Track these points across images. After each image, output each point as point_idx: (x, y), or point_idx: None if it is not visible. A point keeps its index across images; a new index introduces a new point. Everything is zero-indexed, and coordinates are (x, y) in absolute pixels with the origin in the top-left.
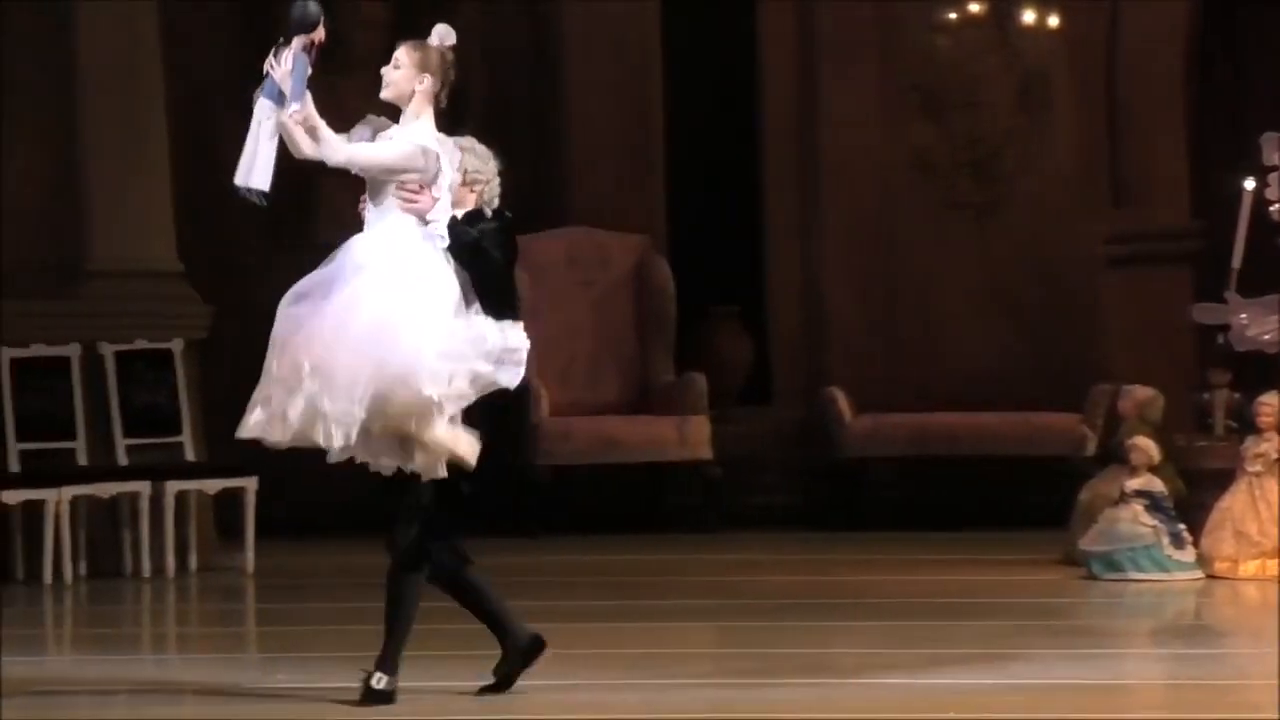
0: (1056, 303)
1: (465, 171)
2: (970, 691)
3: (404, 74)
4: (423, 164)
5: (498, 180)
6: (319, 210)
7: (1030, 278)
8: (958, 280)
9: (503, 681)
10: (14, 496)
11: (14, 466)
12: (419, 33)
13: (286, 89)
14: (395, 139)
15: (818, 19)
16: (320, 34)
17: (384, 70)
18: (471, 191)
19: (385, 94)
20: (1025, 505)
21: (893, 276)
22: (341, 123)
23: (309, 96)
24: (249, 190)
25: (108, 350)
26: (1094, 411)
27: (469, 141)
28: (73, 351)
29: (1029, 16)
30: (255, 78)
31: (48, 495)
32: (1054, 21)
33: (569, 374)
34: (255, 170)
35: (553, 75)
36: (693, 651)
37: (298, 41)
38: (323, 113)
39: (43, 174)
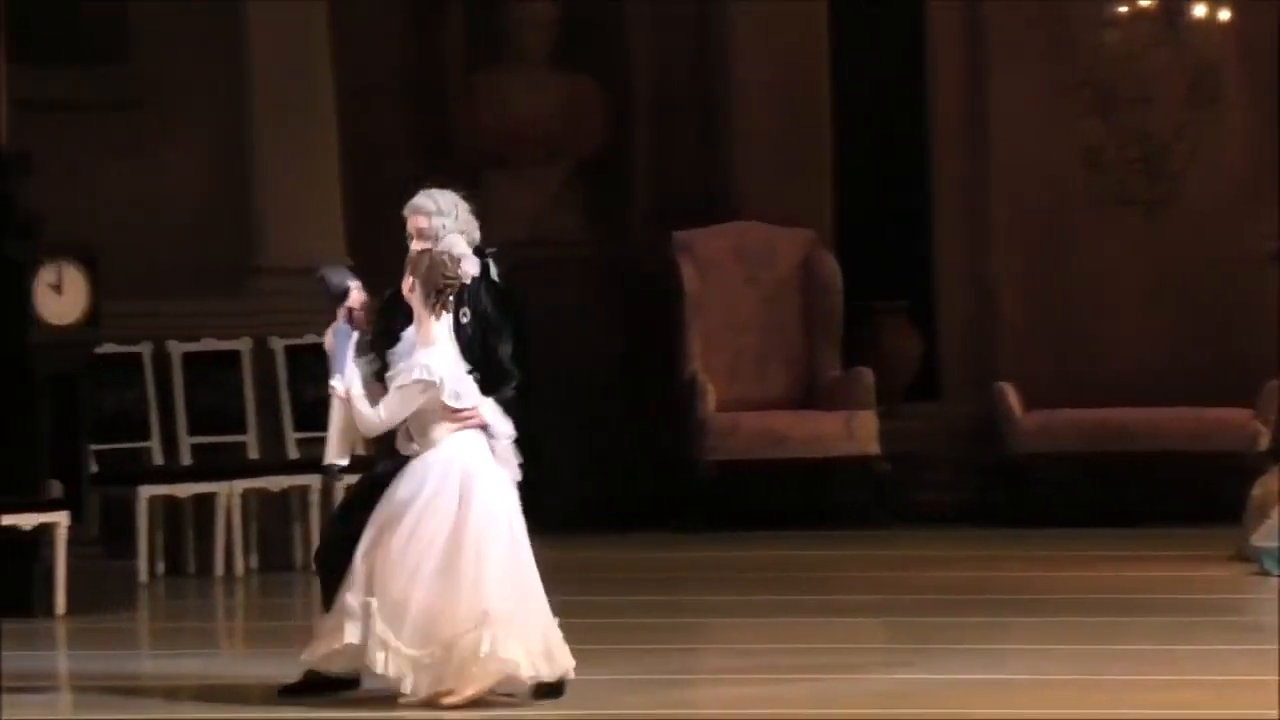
0: (1226, 298)
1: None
2: (1141, 688)
3: (406, 282)
4: (428, 392)
5: (454, 218)
6: (482, 208)
7: (1200, 273)
8: (1127, 276)
9: None
10: (185, 490)
11: (185, 460)
12: (586, 30)
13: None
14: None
15: (986, 14)
16: (356, 299)
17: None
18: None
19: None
20: (1197, 501)
21: (1062, 272)
22: (501, 115)
23: (354, 371)
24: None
25: (278, 344)
26: (1266, 406)
27: (420, 202)
28: (243, 346)
29: (1199, 10)
30: (424, 77)
31: (219, 489)
32: (1224, 15)
33: (735, 369)
34: (331, 448)
35: (719, 69)
36: (861, 646)
37: (340, 313)
38: (490, 113)
39: (214, 172)
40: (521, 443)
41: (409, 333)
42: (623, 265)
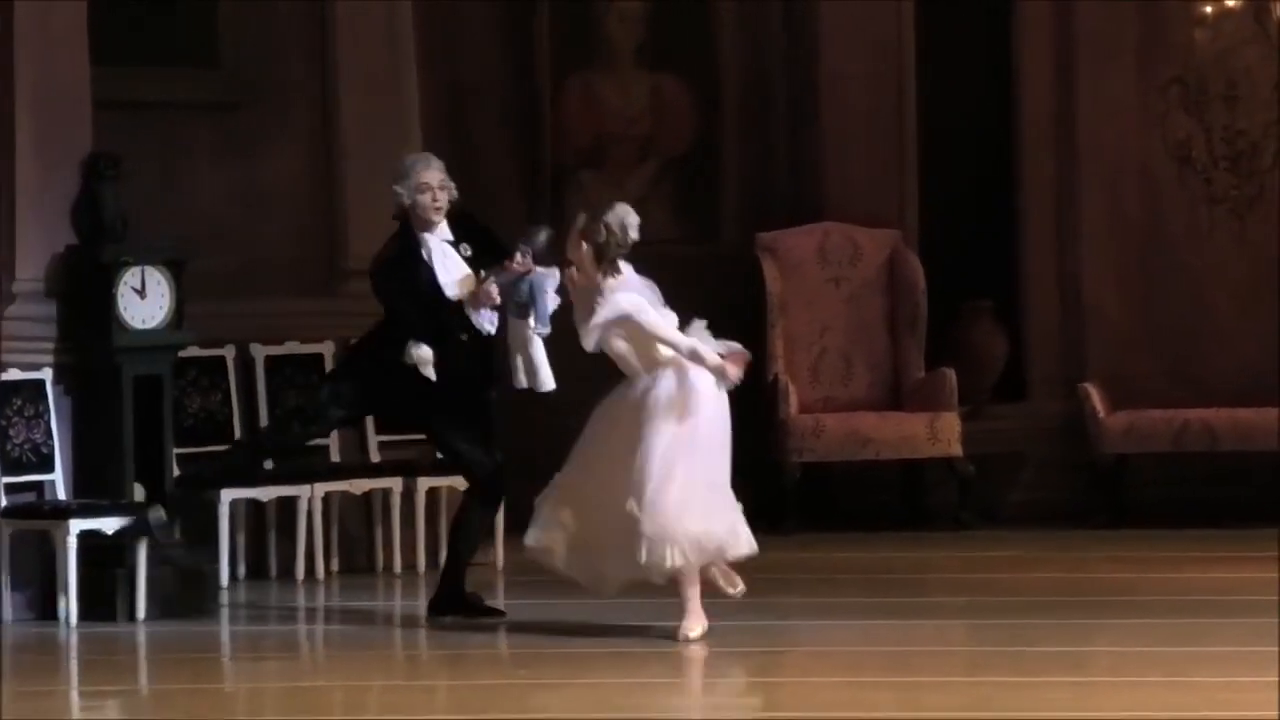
0: None
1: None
2: (1231, 689)
3: (572, 239)
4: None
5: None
6: (575, 208)
7: None
8: (1218, 274)
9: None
10: (268, 493)
11: (268, 463)
12: (674, 29)
13: (533, 313)
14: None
15: (1076, 12)
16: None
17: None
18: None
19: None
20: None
21: (1151, 270)
22: (592, 114)
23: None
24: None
25: None
26: None
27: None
28: (327, 349)
29: None
30: (516, 78)
31: (301, 491)
32: None
33: (819, 370)
34: (541, 375)
35: (807, 68)
36: (948, 649)
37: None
38: (580, 113)
39: (304, 174)
40: None
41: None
42: (711, 265)
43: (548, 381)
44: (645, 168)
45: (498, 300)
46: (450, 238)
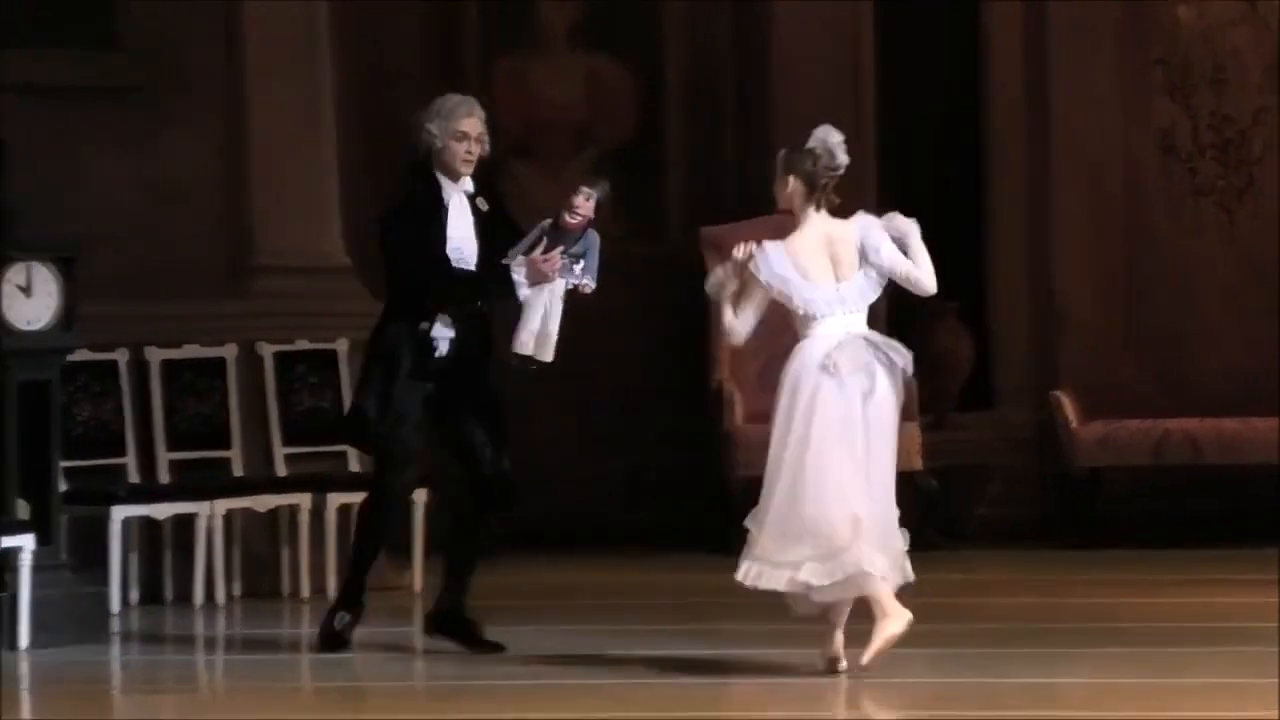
0: None
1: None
2: None
3: (778, 183)
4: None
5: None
6: (507, 199)
7: None
8: (1204, 271)
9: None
10: (163, 510)
11: (164, 478)
12: (613, 9)
13: (578, 268)
14: None
15: None
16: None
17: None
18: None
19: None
20: (1273, 519)
21: (1131, 268)
22: (524, 100)
23: None
24: (530, 360)
25: (266, 351)
26: None
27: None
28: (229, 353)
29: None
30: (438, 62)
31: (200, 509)
32: None
33: (767, 377)
34: (550, 345)
35: (757, 52)
36: (908, 680)
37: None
38: (510, 99)
39: (208, 165)
40: None
41: None
42: (653, 262)
43: (551, 353)
44: (582, 158)
45: (558, 267)
46: (470, 190)
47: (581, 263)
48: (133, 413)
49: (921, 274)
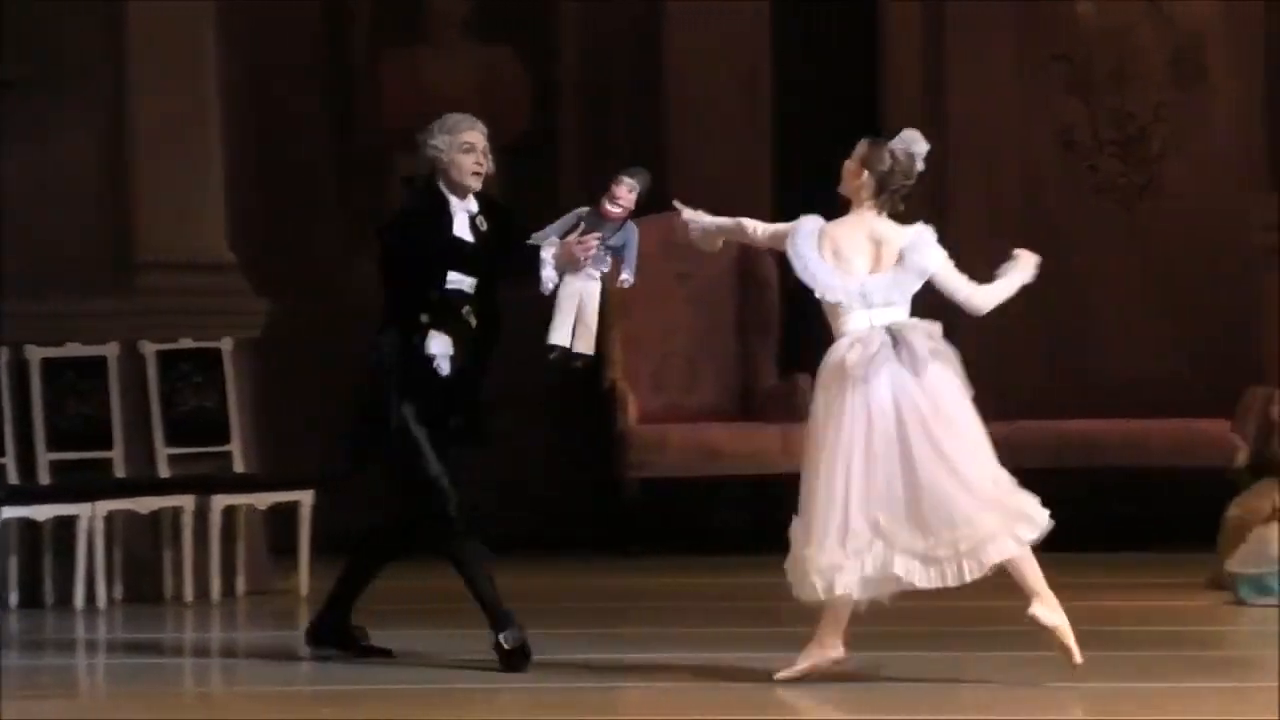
0: (1212, 296)
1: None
2: None
3: (849, 166)
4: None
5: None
6: (395, 195)
7: (1183, 269)
8: (1104, 271)
9: None
10: (44, 512)
11: (44, 479)
12: (502, 3)
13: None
14: None
15: None
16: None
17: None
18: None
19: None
20: (1169, 522)
21: None
22: (414, 94)
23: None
24: (574, 354)
25: (149, 350)
26: (1245, 417)
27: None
28: (110, 351)
29: None
30: (328, 54)
31: (81, 510)
32: None
33: (662, 376)
34: (591, 338)
35: (654, 44)
36: (803, 684)
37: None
38: (400, 91)
39: (90, 160)
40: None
41: None
42: None
43: (591, 346)
44: None
45: (592, 252)
46: (475, 209)
47: (616, 255)
48: (12, 412)
49: (974, 291)
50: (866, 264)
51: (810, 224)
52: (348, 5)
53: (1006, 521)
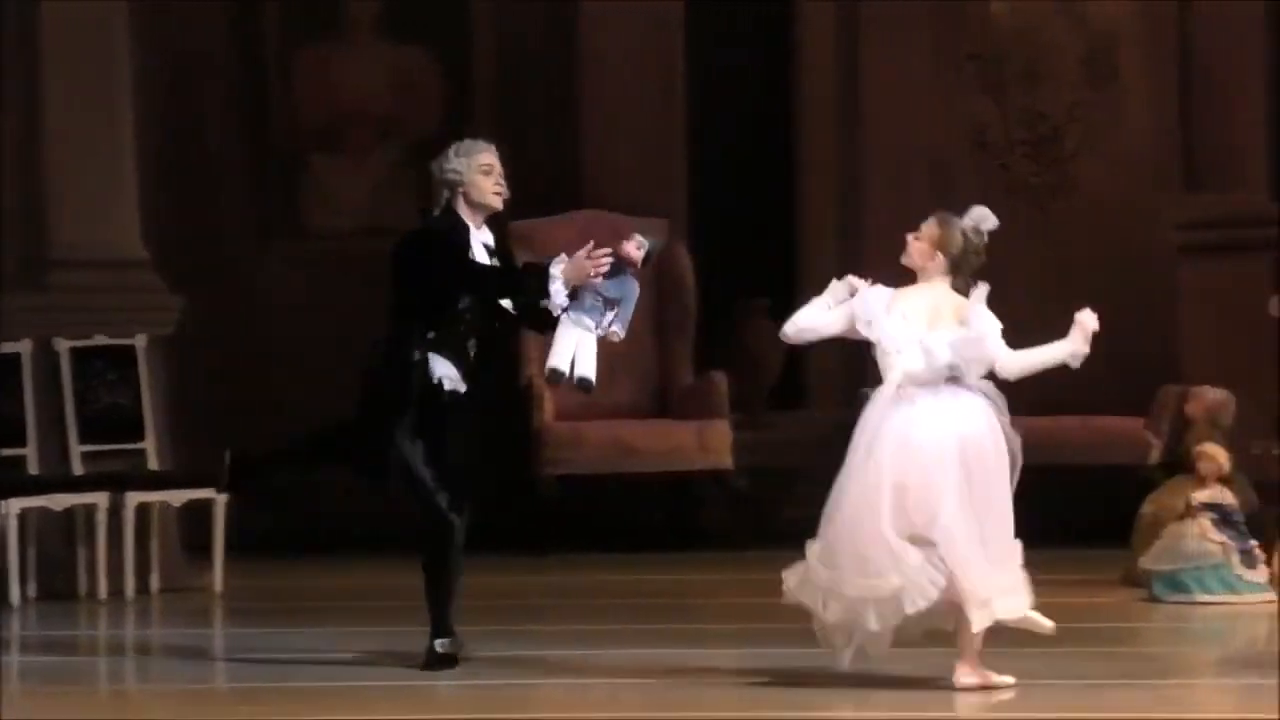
0: (1126, 295)
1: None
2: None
3: (920, 247)
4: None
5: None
6: (308, 193)
7: (1097, 267)
8: (1017, 270)
9: None
10: None
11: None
12: (415, 1)
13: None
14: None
15: None
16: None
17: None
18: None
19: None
20: (1082, 519)
21: None
22: (327, 91)
23: None
24: (581, 380)
25: (63, 347)
26: (1159, 415)
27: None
28: (24, 348)
29: None
30: (240, 51)
31: None
32: None
33: None
34: (584, 363)
35: (568, 42)
36: (718, 681)
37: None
38: (312, 90)
39: (1, 155)
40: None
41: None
42: None
43: (593, 371)
44: (386, 150)
45: (604, 267)
46: (490, 241)
47: (616, 310)
48: None
49: (1009, 359)
50: (925, 325)
51: (879, 292)
52: (260, 3)
53: (1007, 589)
